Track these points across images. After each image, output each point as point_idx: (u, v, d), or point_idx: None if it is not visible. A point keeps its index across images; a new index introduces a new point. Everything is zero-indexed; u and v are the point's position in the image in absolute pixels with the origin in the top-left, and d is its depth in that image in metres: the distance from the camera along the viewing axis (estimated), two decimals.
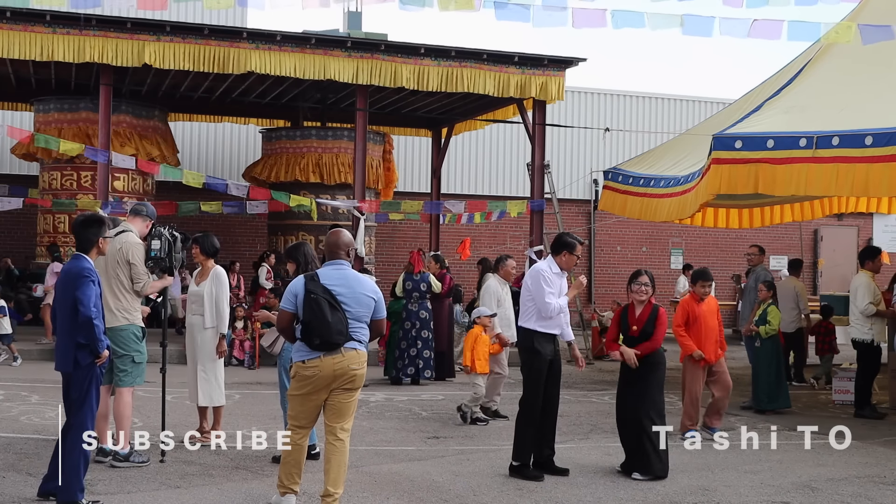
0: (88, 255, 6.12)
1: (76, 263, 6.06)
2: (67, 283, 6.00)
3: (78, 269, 6.00)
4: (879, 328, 10.50)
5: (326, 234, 6.22)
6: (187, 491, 6.45)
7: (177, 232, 7.36)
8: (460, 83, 14.42)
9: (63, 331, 6.03)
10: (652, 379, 7.42)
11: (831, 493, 6.89)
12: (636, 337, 7.48)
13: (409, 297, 12.26)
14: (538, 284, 7.24)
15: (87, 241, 6.13)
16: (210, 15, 19.30)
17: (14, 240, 18.18)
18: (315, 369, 5.77)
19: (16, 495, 6.19)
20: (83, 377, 5.95)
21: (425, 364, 12.22)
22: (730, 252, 22.84)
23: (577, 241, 7.42)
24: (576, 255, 7.41)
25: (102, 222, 6.28)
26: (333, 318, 5.69)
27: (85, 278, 5.93)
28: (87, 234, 6.14)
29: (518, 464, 7.19)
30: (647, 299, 7.53)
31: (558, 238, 7.50)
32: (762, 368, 10.42)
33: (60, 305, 6.08)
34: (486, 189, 21.49)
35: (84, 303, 5.86)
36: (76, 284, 5.92)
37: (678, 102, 23.27)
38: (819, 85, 11.05)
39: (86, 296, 5.88)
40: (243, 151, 19.91)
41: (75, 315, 5.91)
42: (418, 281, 12.28)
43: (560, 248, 7.40)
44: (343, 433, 5.85)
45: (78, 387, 5.94)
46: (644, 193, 12.74)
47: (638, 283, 7.56)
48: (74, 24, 12.87)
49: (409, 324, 12.24)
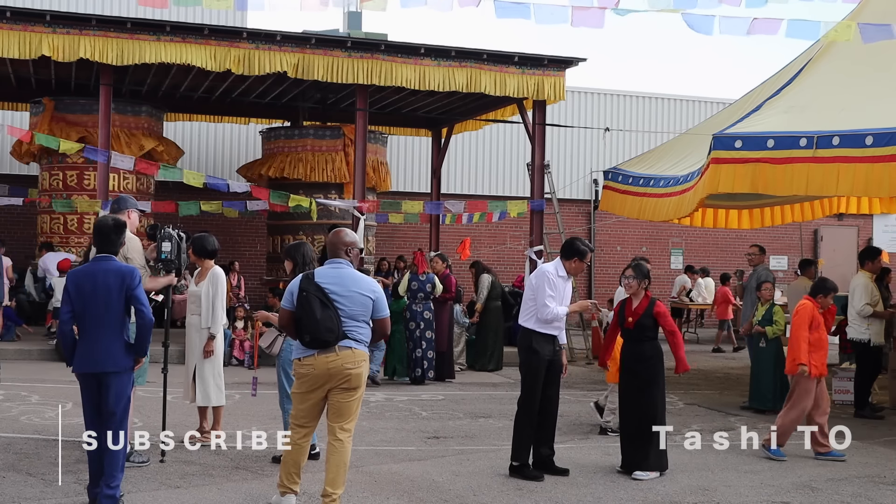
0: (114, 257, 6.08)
1: (115, 264, 5.95)
2: (111, 280, 5.86)
3: (128, 268, 5.95)
4: (877, 329, 10.50)
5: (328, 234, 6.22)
6: (187, 491, 6.45)
7: (182, 232, 7.37)
8: (460, 83, 14.41)
9: (105, 330, 5.85)
10: (655, 375, 7.44)
11: (831, 493, 6.89)
12: (632, 329, 7.49)
13: (413, 298, 12.32)
14: (542, 286, 7.25)
15: (113, 245, 6.05)
16: (210, 15, 19.30)
17: (14, 240, 18.15)
18: (309, 367, 5.80)
19: (16, 495, 6.19)
20: (129, 379, 5.99)
21: (429, 364, 12.29)
22: (730, 252, 22.84)
23: (588, 249, 7.42)
24: (585, 262, 7.43)
25: (125, 227, 6.27)
26: (323, 316, 5.69)
27: (136, 278, 5.88)
28: (112, 238, 6.04)
29: (518, 464, 7.20)
30: (636, 291, 7.55)
31: (570, 244, 7.46)
32: (766, 368, 10.41)
33: (96, 303, 5.86)
34: (486, 189, 21.48)
35: (145, 304, 5.85)
36: (131, 284, 5.84)
37: (678, 102, 23.26)
38: (819, 85, 11.04)
39: (143, 296, 5.86)
40: (243, 151, 19.90)
41: (122, 314, 5.86)
42: (424, 282, 12.35)
43: (571, 254, 7.38)
44: (343, 433, 5.85)
45: (124, 388, 5.93)
46: (644, 193, 12.75)
47: (625, 276, 7.66)
48: (74, 24, 12.88)
49: (414, 324, 12.30)
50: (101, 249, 6.03)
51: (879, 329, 10.52)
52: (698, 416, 10.07)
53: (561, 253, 7.52)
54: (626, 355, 7.56)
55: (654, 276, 7.90)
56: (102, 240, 6.05)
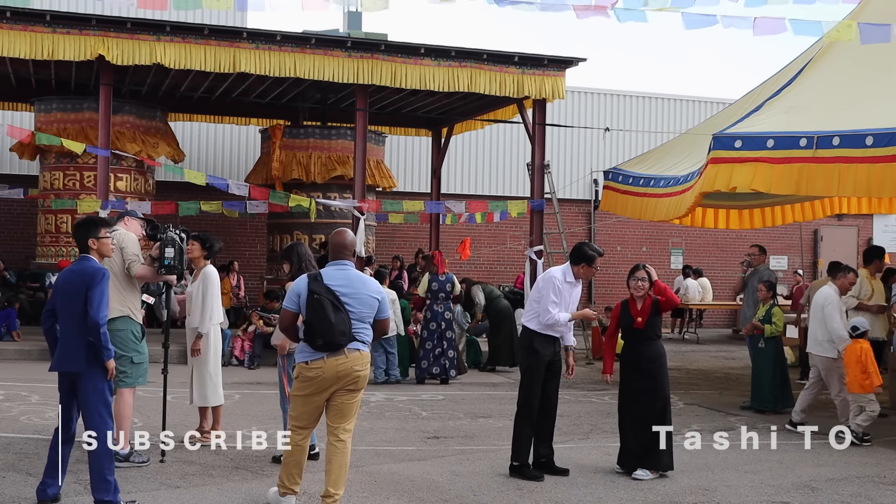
0: (90, 256, 6.05)
1: (85, 263, 5.96)
2: (76, 280, 5.87)
3: (93, 269, 5.90)
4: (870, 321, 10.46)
5: (331, 234, 6.21)
6: (187, 491, 6.45)
7: (182, 232, 7.34)
8: (460, 83, 14.41)
9: (69, 329, 5.88)
10: (663, 374, 7.45)
11: (831, 493, 6.89)
12: (642, 329, 7.47)
13: (434, 298, 12.40)
14: (547, 292, 7.27)
15: (81, 243, 6.06)
16: (210, 15, 19.30)
17: (14, 240, 18.18)
18: (318, 370, 5.75)
19: (16, 495, 6.19)
20: (96, 381, 5.87)
21: (450, 363, 12.41)
22: (730, 252, 22.86)
23: (596, 254, 7.42)
24: (594, 267, 7.42)
25: (93, 223, 6.18)
26: (336, 319, 5.66)
27: (96, 278, 5.84)
28: (78, 235, 6.09)
29: (518, 464, 7.20)
30: (644, 294, 7.53)
31: (579, 249, 7.45)
32: (767, 369, 10.41)
33: (63, 302, 5.92)
34: (486, 189, 21.49)
35: (94, 304, 5.77)
36: (91, 284, 5.80)
37: (678, 102, 23.27)
38: (819, 85, 11.04)
39: (95, 298, 5.78)
40: (243, 151, 19.91)
41: (82, 315, 5.80)
42: (444, 282, 12.47)
43: (579, 260, 7.38)
44: (345, 434, 5.85)
45: (91, 390, 5.84)
46: (644, 193, 12.73)
47: (635, 278, 7.56)
48: (74, 24, 12.88)
49: (435, 324, 12.41)
50: (80, 250, 6.11)
51: (873, 322, 10.47)
52: (698, 416, 10.07)
53: (570, 258, 7.53)
54: (634, 356, 7.51)
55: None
56: (76, 240, 6.16)
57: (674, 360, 10.04)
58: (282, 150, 16.40)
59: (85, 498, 6.13)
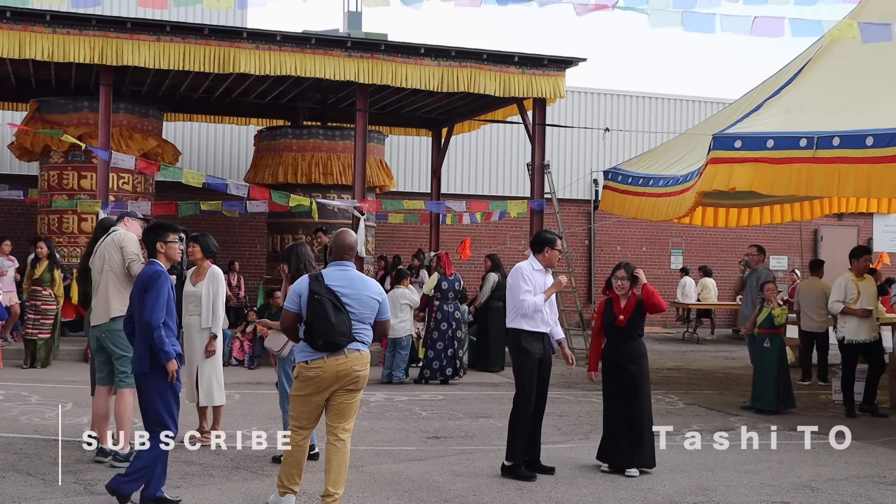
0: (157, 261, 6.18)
1: (148, 267, 6.12)
2: (138, 286, 6.04)
3: (148, 272, 6.04)
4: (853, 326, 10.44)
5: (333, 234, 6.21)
6: (187, 491, 6.45)
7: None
8: (460, 83, 14.42)
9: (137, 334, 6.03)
10: (643, 372, 7.50)
11: (831, 493, 6.89)
12: (623, 327, 7.47)
13: (444, 298, 12.42)
14: (516, 282, 7.28)
15: (150, 248, 6.24)
16: (210, 15, 19.29)
17: (14, 240, 18.13)
18: (318, 370, 5.76)
19: (16, 495, 6.18)
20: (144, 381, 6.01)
21: (461, 364, 12.49)
22: (730, 252, 22.85)
23: (555, 236, 7.50)
24: (557, 249, 7.44)
25: (161, 228, 6.34)
26: (337, 320, 5.67)
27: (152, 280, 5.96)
28: (147, 239, 6.28)
29: (511, 464, 7.19)
30: (627, 293, 7.51)
31: (536, 236, 7.58)
32: (771, 368, 10.38)
33: (134, 309, 6.08)
34: (486, 189, 21.49)
35: (147, 306, 5.89)
36: (147, 286, 5.95)
37: (678, 102, 23.27)
38: (819, 85, 11.03)
39: (150, 301, 5.89)
40: (243, 151, 19.90)
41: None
42: (453, 281, 12.51)
43: (541, 246, 7.42)
44: (344, 434, 5.85)
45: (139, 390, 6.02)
46: (644, 193, 12.74)
47: (616, 277, 7.57)
48: (74, 24, 12.88)
49: (446, 324, 12.41)
50: (149, 254, 6.38)
51: (856, 327, 10.47)
52: (698, 416, 10.07)
53: (532, 248, 7.52)
54: (616, 354, 7.50)
55: (655, 276, 7.85)
56: (146, 244, 6.42)
57: (674, 360, 10.05)
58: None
59: (85, 498, 6.13)
